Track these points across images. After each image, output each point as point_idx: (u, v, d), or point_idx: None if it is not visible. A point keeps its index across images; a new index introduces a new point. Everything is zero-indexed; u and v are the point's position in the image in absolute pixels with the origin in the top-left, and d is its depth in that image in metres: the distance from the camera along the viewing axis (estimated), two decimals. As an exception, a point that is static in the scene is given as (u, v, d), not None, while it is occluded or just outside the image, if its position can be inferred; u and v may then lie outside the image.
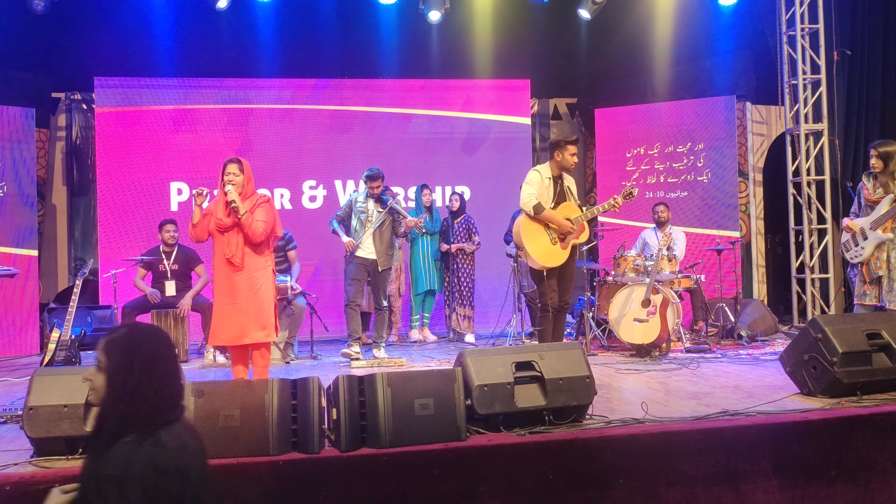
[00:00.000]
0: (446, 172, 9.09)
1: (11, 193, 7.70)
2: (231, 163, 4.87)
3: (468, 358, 3.73)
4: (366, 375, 3.52)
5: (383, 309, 6.54)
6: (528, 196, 5.32)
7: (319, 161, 8.89)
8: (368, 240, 6.43)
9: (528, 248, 5.27)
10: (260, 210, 4.82)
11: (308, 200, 8.87)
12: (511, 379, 3.67)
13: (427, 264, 7.91)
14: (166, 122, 8.64)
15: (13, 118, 7.76)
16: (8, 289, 7.54)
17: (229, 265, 4.74)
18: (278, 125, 8.84)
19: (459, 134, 9.18)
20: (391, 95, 9.08)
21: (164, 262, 6.97)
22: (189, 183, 8.63)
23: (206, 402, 3.34)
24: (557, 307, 5.39)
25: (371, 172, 6.46)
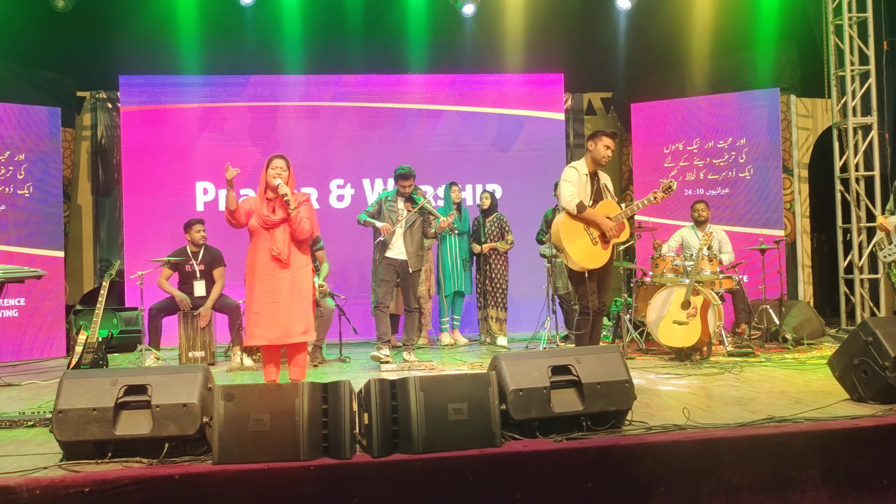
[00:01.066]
0: (477, 170, 9.10)
1: (38, 194, 7.85)
2: (277, 158, 4.93)
3: (503, 361, 3.72)
4: (398, 379, 3.54)
5: (413, 311, 6.56)
6: (569, 194, 5.25)
7: (347, 159, 8.95)
8: (399, 240, 6.45)
9: (568, 250, 5.21)
10: (304, 208, 4.91)
11: (336, 199, 8.93)
12: (547, 383, 3.66)
13: (455, 265, 7.91)
14: (192, 121, 8.76)
15: (39, 118, 7.92)
16: (34, 290, 7.70)
17: (275, 262, 4.80)
18: (305, 122, 8.92)
19: (490, 130, 9.18)
20: (420, 91, 9.11)
21: (192, 262, 7.06)
22: (215, 182, 8.74)
23: (235, 405, 3.38)
24: (601, 307, 5.37)
25: (403, 171, 6.48)
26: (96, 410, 3.44)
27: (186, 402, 3.44)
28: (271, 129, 8.88)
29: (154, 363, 6.62)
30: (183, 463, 3.38)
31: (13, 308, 7.64)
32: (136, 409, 3.48)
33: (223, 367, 6.70)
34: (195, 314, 6.88)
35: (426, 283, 7.73)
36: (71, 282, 8.79)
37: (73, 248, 9.05)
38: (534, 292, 8.51)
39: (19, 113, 7.81)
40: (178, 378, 3.55)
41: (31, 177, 7.83)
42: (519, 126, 9.20)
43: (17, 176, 7.73)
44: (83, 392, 3.49)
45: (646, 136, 9.10)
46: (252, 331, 4.86)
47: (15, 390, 5.82)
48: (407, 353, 6.53)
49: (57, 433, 3.43)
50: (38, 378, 6.39)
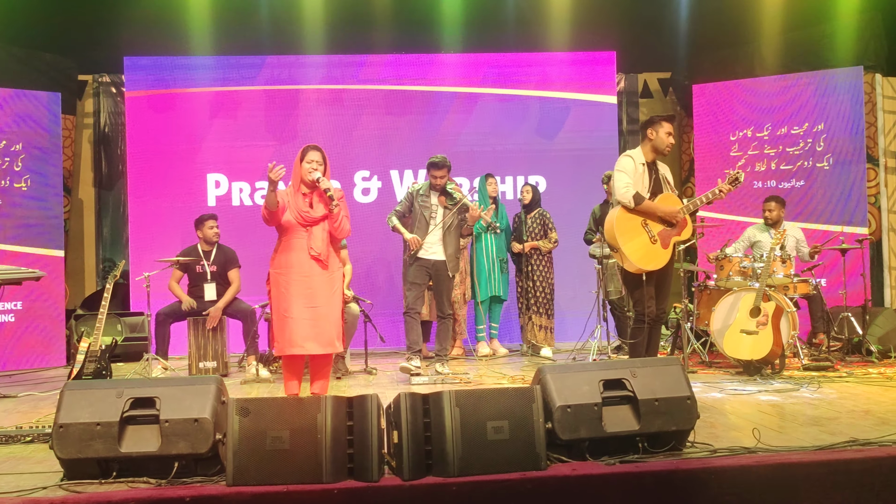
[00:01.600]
0: (518, 160, 9.08)
1: (36, 188, 8.01)
2: (313, 149, 4.98)
3: (548, 374, 3.71)
4: (431, 394, 3.54)
5: (447, 318, 6.57)
6: (623, 185, 5.22)
7: (373, 148, 8.99)
8: (434, 238, 6.46)
9: (624, 249, 5.18)
10: (340, 205, 4.95)
11: (361, 193, 8.98)
12: (598, 399, 3.64)
13: (491, 266, 7.89)
14: (202, 107, 8.87)
15: (38, 104, 8.08)
16: (33, 293, 7.85)
17: (314, 263, 4.84)
18: (327, 108, 8.98)
19: (533, 116, 9.16)
20: (455, 72, 9.13)
21: (203, 262, 7.15)
22: (227, 174, 8.84)
23: (252, 421, 3.41)
24: (660, 314, 5.33)
25: (436, 160, 6.48)
26: (100, 425, 3.49)
27: (198, 416, 3.48)
28: (290, 115, 8.96)
29: (162, 374, 6.71)
30: (194, 484, 3.42)
31: (9, 313, 7.80)
32: (143, 424, 3.52)
33: (237, 378, 6.78)
34: (204, 314, 6.95)
35: (461, 286, 7.73)
36: (71, 284, 8.94)
37: (74, 246, 9.21)
38: (582, 297, 8.47)
39: (16, 98, 7.96)
40: (188, 390, 3.59)
41: (29, 169, 7.98)
42: (565, 111, 9.16)
43: (14, 168, 7.89)
44: (86, 405, 3.54)
45: (709, 121, 9.02)
46: (290, 339, 4.86)
47: (11, 402, 5.93)
48: (440, 365, 6.54)
49: (57, 450, 3.49)
50: (37, 389, 6.51)
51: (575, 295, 8.71)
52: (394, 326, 8.32)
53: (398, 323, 8.01)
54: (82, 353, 6.10)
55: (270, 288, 5.12)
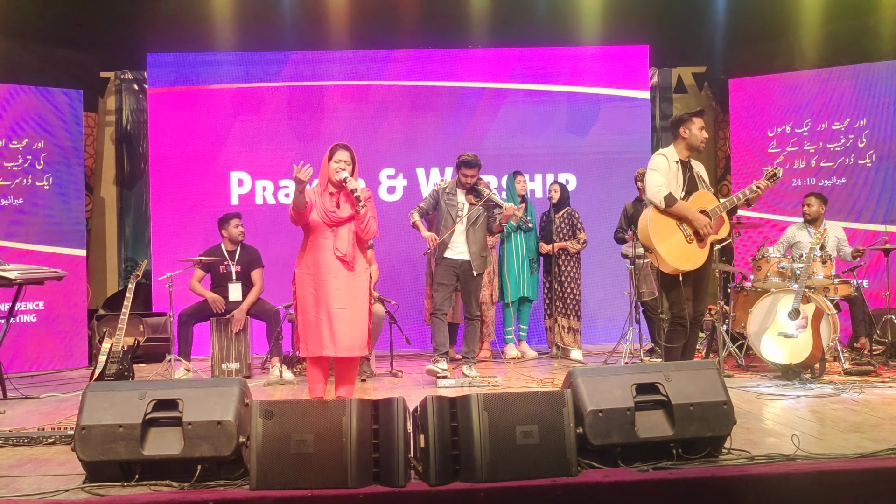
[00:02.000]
0: (547, 157, 9.07)
1: (58, 186, 8.10)
2: (341, 148, 5.01)
3: (579, 378, 3.71)
4: (458, 397, 3.55)
5: (474, 319, 6.56)
6: (656, 185, 5.20)
7: (399, 146, 9.01)
8: (460, 238, 6.46)
9: (659, 250, 5.15)
10: (368, 205, 4.99)
11: (386, 192, 9.01)
12: (631, 404, 3.63)
13: (520, 267, 7.88)
14: (226, 103, 8.94)
15: (59, 102, 8.17)
16: (54, 293, 7.94)
17: (341, 265, 4.87)
18: (351, 104, 9.02)
19: (562, 111, 9.14)
20: (482, 68, 9.12)
21: (227, 262, 7.20)
22: (250, 172, 8.90)
23: (276, 424, 3.43)
24: (697, 316, 5.30)
25: (467, 158, 6.46)
26: (122, 427, 3.53)
27: (221, 419, 3.51)
28: (314, 111, 9.00)
29: (184, 375, 6.77)
30: (217, 488, 3.45)
31: (31, 313, 7.90)
32: (165, 426, 3.56)
33: (260, 380, 6.82)
34: (228, 317, 7.01)
35: (488, 287, 7.73)
36: (93, 284, 9.06)
37: (96, 246, 9.32)
38: (613, 299, 8.44)
39: (37, 96, 8.06)
40: (211, 392, 3.63)
41: (51, 167, 8.08)
42: (596, 106, 9.12)
43: (36, 166, 7.99)
44: (108, 406, 3.59)
45: (746, 117, 8.94)
46: (313, 340, 4.91)
47: (33, 403, 6.02)
48: (467, 368, 6.54)
49: (80, 452, 3.54)
50: (59, 390, 6.60)
51: (606, 296, 8.68)
52: (420, 328, 8.33)
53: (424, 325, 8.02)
54: (104, 354, 6.18)
55: (296, 288, 5.15)
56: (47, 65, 8.56)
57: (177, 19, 8.62)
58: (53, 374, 7.75)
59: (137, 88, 9.37)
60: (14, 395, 6.20)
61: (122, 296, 6.90)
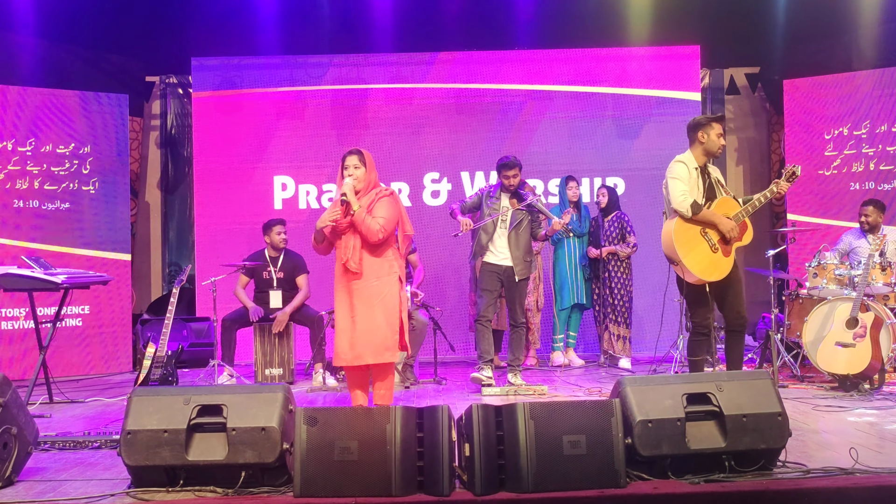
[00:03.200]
0: (595, 161, 9.03)
1: (104, 191, 8.28)
2: (350, 154, 5.07)
3: (628, 387, 3.70)
4: (504, 406, 3.56)
5: (520, 326, 6.56)
6: (680, 194, 5.20)
7: (443, 149, 9.05)
8: (502, 242, 6.47)
9: (685, 261, 5.14)
10: (380, 205, 4.96)
11: (430, 196, 9.04)
12: (682, 414, 3.61)
13: (574, 273, 7.86)
14: (269, 107, 9.05)
15: (105, 106, 8.35)
16: (100, 298, 8.12)
17: (346, 272, 4.93)
18: (395, 107, 9.07)
19: (611, 114, 9.09)
20: (529, 70, 9.12)
21: (270, 268, 7.28)
22: (294, 176, 9.00)
23: (319, 431, 3.47)
24: (734, 325, 5.26)
25: (506, 160, 6.51)
26: (167, 432, 3.60)
27: (265, 425, 3.56)
28: (357, 115, 9.07)
29: (228, 381, 6.86)
30: (261, 495, 3.50)
31: (77, 317, 8.07)
32: (210, 431, 3.62)
33: (303, 386, 6.89)
34: (272, 316, 7.08)
35: (534, 293, 7.72)
36: (138, 288, 9.23)
37: (141, 250, 9.49)
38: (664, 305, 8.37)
39: (85, 101, 8.25)
40: (255, 398, 3.68)
41: (97, 172, 8.26)
42: (645, 109, 9.06)
43: (82, 171, 8.17)
44: (154, 411, 3.65)
45: (802, 119, 8.82)
46: (338, 348, 5.00)
47: (79, 408, 6.15)
48: (513, 376, 6.54)
49: (125, 456, 3.61)
50: (104, 395, 6.73)
51: (655, 303, 8.59)
52: (464, 335, 8.34)
53: (469, 332, 8.03)
54: (148, 359, 6.29)
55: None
56: (93, 70, 8.77)
57: (221, 23, 8.74)
58: (98, 378, 7.91)
59: (182, 93, 9.54)
60: (60, 399, 6.34)
61: (166, 300, 7.02)
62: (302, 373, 7.62)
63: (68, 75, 8.49)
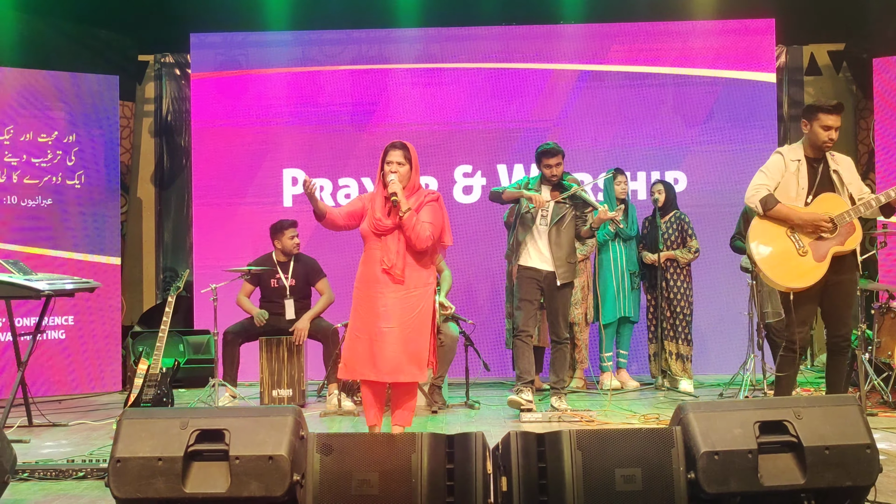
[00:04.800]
0: (650, 152, 8.99)
1: (91, 185, 8.34)
2: (395, 148, 5.15)
3: (691, 414, 3.67)
4: (547, 433, 3.55)
5: (563, 342, 6.53)
6: (753, 186, 5.24)
7: (477, 138, 9.04)
8: (541, 242, 6.43)
9: (760, 264, 5.15)
10: (426, 210, 5.08)
11: (461, 192, 9.04)
12: (753, 445, 3.57)
13: (620, 281, 7.80)
14: (279, 90, 9.09)
15: (93, 89, 8.41)
16: (85, 307, 8.18)
17: (387, 278, 4.98)
18: (422, 90, 9.08)
19: (670, 98, 9.05)
20: (574, 46, 9.10)
21: (280, 274, 7.31)
22: (306, 169, 9.01)
23: (335, 461, 3.47)
24: (832, 343, 5.24)
25: (547, 147, 6.47)
26: (162, 461, 3.60)
27: (273, 453, 3.56)
28: (379, 99, 9.09)
29: (230, 402, 6.90)
30: (268, 533, 3.50)
31: (59, 328, 8.14)
32: (210, 460, 3.62)
33: (316, 409, 6.92)
34: (291, 329, 7.10)
35: (581, 305, 7.69)
36: (128, 296, 9.29)
37: (132, 253, 9.57)
38: (730, 320, 8.30)
39: (70, 83, 8.31)
40: (262, 422, 3.68)
41: (83, 164, 8.32)
42: (711, 91, 9.01)
43: (67, 162, 8.24)
44: (147, 437, 3.67)
45: (893, 103, 8.71)
46: (349, 361, 5.04)
47: (62, 432, 6.21)
48: (556, 399, 6.52)
49: (114, 488, 3.62)
50: (89, 417, 6.80)
51: (721, 317, 8.54)
52: (500, 352, 8.33)
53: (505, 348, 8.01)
54: (140, 377, 6.34)
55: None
56: (79, 47, 8.80)
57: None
58: (84, 398, 7.98)
59: (179, 73, 9.62)
60: (40, 422, 6.41)
61: (160, 310, 7.06)
62: (314, 394, 7.65)
63: (50, 54, 8.52)
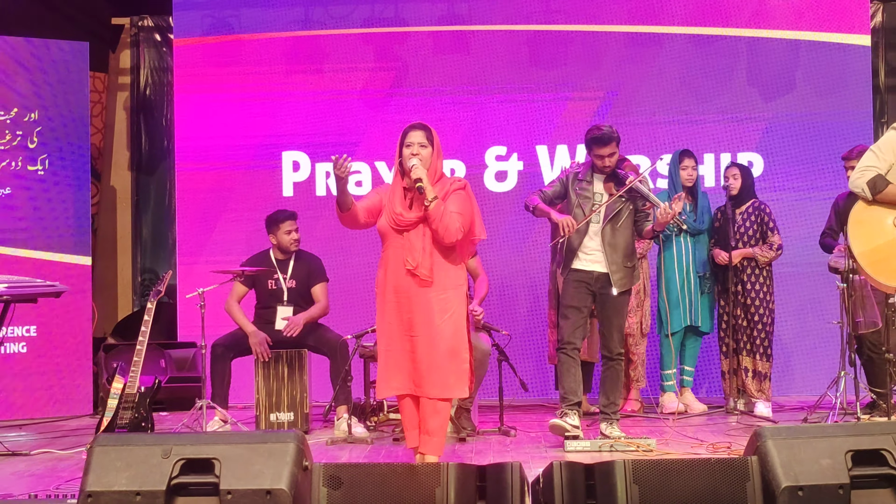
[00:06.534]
0: (721, 130, 8.94)
1: (55, 171, 8.34)
2: (415, 129, 5.18)
3: (770, 441, 3.66)
4: (597, 464, 3.56)
5: (617, 358, 6.51)
6: (860, 168, 5.23)
7: (512, 116, 9.03)
8: (594, 241, 6.41)
9: (860, 257, 5.16)
10: (453, 199, 5.11)
11: (493, 179, 9.02)
12: (845, 479, 3.57)
13: (685, 284, 7.75)
14: (277, 58, 9.10)
15: (58, 58, 8.41)
16: (50, 315, 8.14)
17: (412, 279, 5.00)
18: (447, 57, 9.06)
19: (743, 66, 8.99)
20: (627, 4, 9.06)
21: (278, 275, 7.32)
22: (309, 153, 9.02)
23: (345, 495, 3.48)
24: None
25: (599, 133, 6.42)
26: (140, 495, 3.62)
27: (271, 487, 3.56)
28: (396, 67, 9.08)
29: (220, 427, 6.91)
30: (265, 581, 3.51)
31: (20, 340, 8.15)
32: (197, 495, 3.64)
33: (322, 436, 6.92)
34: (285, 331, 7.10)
35: (637, 312, 7.67)
36: (101, 302, 9.32)
37: (105, 252, 9.61)
38: (817, 330, 8.25)
39: (32, 51, 8.31)
40: (258, 451, 3.69)
41: (47, 146, 8.32)
42: (792, 57, 8.94)
43: (28, 145, 8.26)
44: (122, 467, 3.68)
45: None
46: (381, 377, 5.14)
47: (23, 462, 6.23)
48: (608, 425, 6.49)
49: (84, 527, 3.65)
50: (55, 445, 6.81)
51: (806, 327, 8.48)
52: (540, 368, 8.31)
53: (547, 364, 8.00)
54: (115, 397, 6.36)
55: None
56: (42, 9, 8.83)
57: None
58: (48, 423, 7.99)
59: (160, 39, 9.66)
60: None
61: (138, 319, 7.09)
62: (320, 418, 7.65)
63: (9, 17, 8.54)
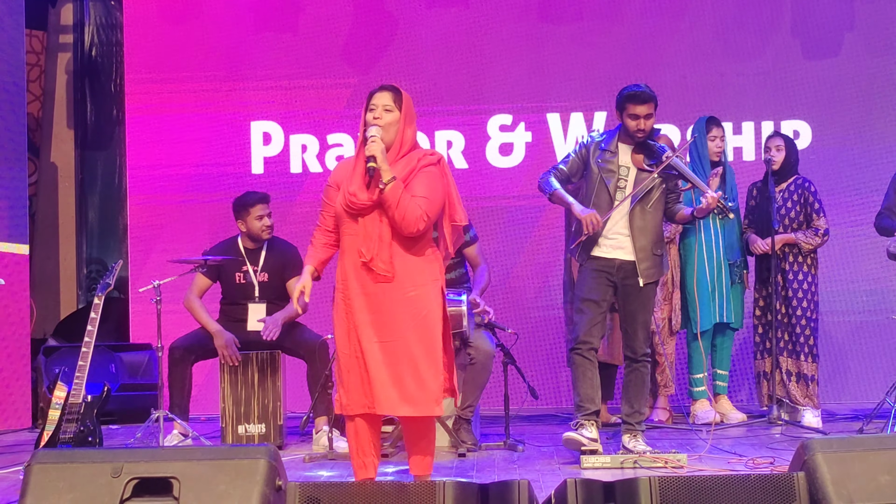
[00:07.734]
0: (759, 96, 8.94)
1: (-14, 147, 8.38)
2: (380, 91, 5.02)
3: (819, 455, 3.68)
4: (618, 482, 3.58)
5: (641, 360, 6.51)
6: None
7: (519, 78, 9.02)
8: (621, 224, 6.38)
9: None
10: (420, 179, 4.94)
11: (496, 152, 9.01)
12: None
13: (716, 275, 7.75)
14: (244, 12, 9.09)
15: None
16: (-19, 313, 8.20)
17: (368, 275, 4.92)
18: (442, 12, 9.07)
19: (787, 17, 9.00)
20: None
21: (248, 267, 7.31)
22: (282, 122, 9.01)
23: (324, 519, 3.48)
24: None
25: (636, 90, 6.32)
26: (87, 520, 3.63)
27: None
28: (382, 24, 9.06)
29: (180, 442, 6.91)
30: None
31: (-53, 343, 8.18)
32: (152, 519, 3.65)
33: (298, 451, 6.92)
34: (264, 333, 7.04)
35: (664, 306, 7.67)
36: (40, 298, 9.31)
37: (44, 239, 9.60)
38: (871, 327, 8.26)
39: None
40: (224, 468, 3.70)
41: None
42: (844, 11, 8.94)
43: (-47, 116, 8.29)
44: (65, 488, 3.69)
45: None
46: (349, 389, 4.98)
47: (-50, 484, 6.24)
48: (630, 438, 6.50)
49: (21, 558, 3.65)
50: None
51: (858, 323, 8.49)
52: (550, 372, 8.32)
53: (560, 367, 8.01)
54: (57, 407, 6.35)
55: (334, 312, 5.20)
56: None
57: None
58: (-20, 438, 8.03)
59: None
60: (-79, 471, 6.45)
61: (83, 318, 7.08)
62: (296, 431, 7.65)
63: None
